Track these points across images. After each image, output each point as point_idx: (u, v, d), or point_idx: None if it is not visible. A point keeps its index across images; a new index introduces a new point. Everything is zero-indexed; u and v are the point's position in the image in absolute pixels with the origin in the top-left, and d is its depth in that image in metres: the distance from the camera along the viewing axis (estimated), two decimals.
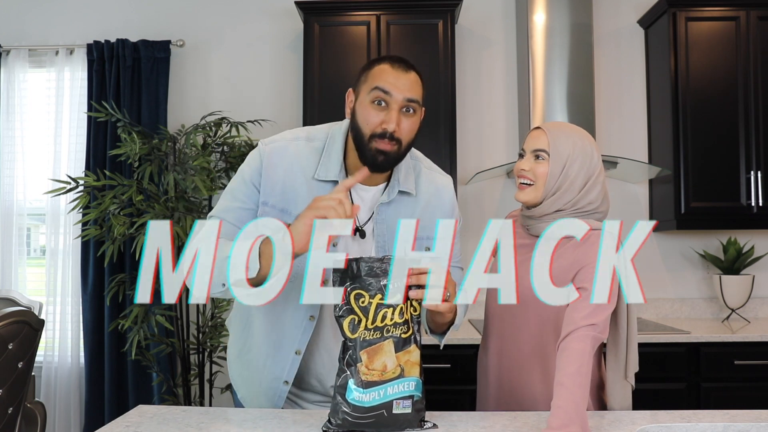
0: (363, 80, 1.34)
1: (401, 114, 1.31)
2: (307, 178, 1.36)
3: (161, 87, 3.17)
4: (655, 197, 3.11)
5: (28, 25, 3.31)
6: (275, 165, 1.35)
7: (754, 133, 2.82)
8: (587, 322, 1.25)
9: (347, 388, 1.17)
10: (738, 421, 1.25)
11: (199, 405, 2.88)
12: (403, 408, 1.17)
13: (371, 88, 1.31)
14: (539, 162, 1.41)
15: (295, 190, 1.35)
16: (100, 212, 2.72)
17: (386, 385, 1.17)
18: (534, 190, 1.41)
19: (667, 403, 2.46)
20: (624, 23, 3.23)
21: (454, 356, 2.47)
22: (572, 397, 1.16)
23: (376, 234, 1.39)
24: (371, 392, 1.16)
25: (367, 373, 1.16)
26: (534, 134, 1.45)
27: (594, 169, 1.41)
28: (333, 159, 1.37)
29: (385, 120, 1.30)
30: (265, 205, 1.35)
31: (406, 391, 1.18)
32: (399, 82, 1.30)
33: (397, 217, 1.39)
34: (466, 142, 3.20)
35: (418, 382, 1.20)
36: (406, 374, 1.18)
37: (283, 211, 1.35)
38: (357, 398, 1.16)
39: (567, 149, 1.39)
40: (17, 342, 1.97)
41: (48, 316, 3.13)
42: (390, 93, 1.29)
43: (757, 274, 3.08)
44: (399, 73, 1.31)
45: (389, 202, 1.40)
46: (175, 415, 1.32)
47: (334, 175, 1.35)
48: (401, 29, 2.92)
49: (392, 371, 1.17)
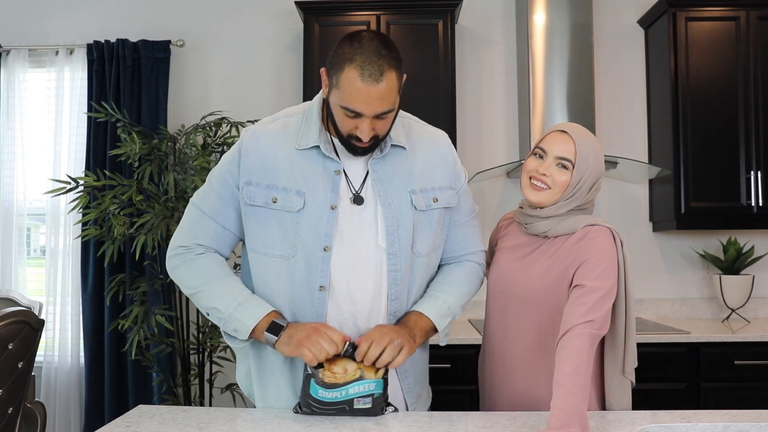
0: (334, 79, 1.27)
1: (374, 120, 1.27)
2: (289, 150, 1.37)
3: (161, 87, 3.17)
4: (655, 197, 3.11)
5: (28, 25, 3.31)
6: (256, 145, 1.37)
7: (754, 133, 2.82)
8: (584, 319, 1.26)
9: (310, 384, 1.27)
10: (738, 421, 1.25)
11: (199, 405, 2.88)
12: (363, 404, 1.27)
13: (341, 105, 1.26)
14: (562, 171, 1.38)
15: (277, 163, 1.36)
16: (100, 212, 2.72)
17: (347, 387, 1.27)
18: (550, 195, 1.40)
19: (667, 403, 2.46)
20: (624, 23, 3.23)
21: (454, 356, 2.47)
22: (571, 397, 1.16)
23: (377, 192, 1.37)
24: (333, 392, 1.26)
25: (330, 377, 1.26)
26: (560, 138, 1.40)
27: (600, 175, 1.42)
28: (312, 127, 1.38)
29: (359, 128, 1.28)
30: (249, 185, 1.36)
31: (366, 391, 1.27)
32: (370, 99, 1.23)
33: (394, 171, 1.39)
34: (466, 143, 3.20)
35: (379, 382, 1.28)
36: (366, 377, 1.27)
37: (269, 186, 1.36)
38: (320, 395, 1.27)
39: (590, 162, 1.38)
40: (17, 342, 1.97)
41: (48, 316, 3.13)
42: (361, 113, 1.26)
43: (757, 274, 3.08)
44: (370, 87, 1.22)
45: (383, 156, 1.38)
46: (175, 415, 1.33)
47: (314, 141, 1.36)
48: (401, 29, 2.92)
49: (352, 374, 1.27)
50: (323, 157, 1.36)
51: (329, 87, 1.30)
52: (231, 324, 1.34)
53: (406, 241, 1.38)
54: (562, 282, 1.37)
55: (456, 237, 1.50)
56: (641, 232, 3.17)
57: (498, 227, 1.63)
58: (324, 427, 1.23)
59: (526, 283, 1.43)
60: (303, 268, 1.34)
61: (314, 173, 1.36)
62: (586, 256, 1.34)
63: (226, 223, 1.41)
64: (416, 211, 1.39)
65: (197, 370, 2.89)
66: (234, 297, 1.35)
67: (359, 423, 1.25)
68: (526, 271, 1.44)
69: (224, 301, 1.35)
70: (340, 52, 1.26)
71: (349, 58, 1.24)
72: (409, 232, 1.38)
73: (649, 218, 3.18)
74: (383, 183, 1.37)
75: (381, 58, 1.23)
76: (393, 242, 1.36)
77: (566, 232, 1.40)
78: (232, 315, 1.34)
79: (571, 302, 1.30)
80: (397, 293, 1.38)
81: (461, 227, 1.50)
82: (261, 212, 1.36)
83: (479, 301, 1.64)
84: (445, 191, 1.44)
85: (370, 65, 1.22)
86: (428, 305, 1.39)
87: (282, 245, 1.35)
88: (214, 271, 1.39)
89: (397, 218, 1.36)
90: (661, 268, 3.16)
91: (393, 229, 1.36)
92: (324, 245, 1.33)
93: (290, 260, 1.35)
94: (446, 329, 1.42)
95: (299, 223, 1.34)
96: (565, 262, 1.37)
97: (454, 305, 1.42)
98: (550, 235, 1.42)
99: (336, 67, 1.26)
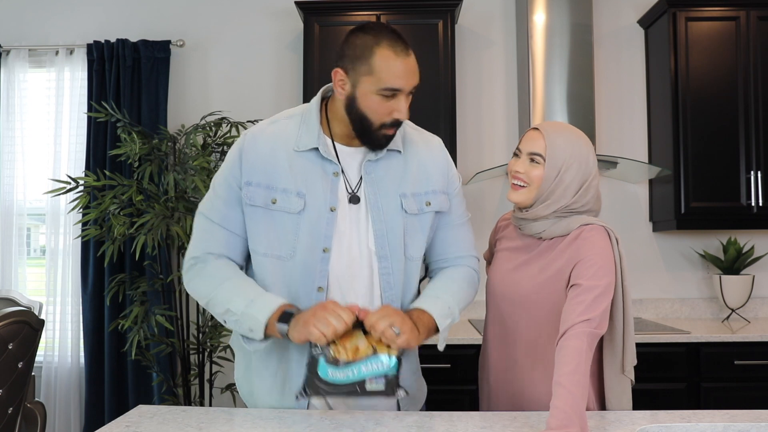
0: (363, 68, 1.28)
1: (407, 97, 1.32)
2: (288, 152, 1.37)
3: (161, 87, 3.17)
4: (655, 197, 3.11)
5: (28, 25, 3.31)
6: (255, 147, 1.37)
7: (754, 133, 2.82)
8: (582, 318, 1.25)
9: (318, 364, 1.19)
10: (738, 421, 1.25)
11: (199, 405, 2.88)
12: (376, 385, 1.19)
13: (379, 89, 1.28)
14: (534, 165, 1.39)
15: (277, 164, 1.36)
16: (100, 212, 2.72)
17: (359, 364, 1.19)
18: (527, 192, 1.41)
19: (667, 403, 2.46)
20: (624, 23, 3.23)
21: (454, 356, 2.47)
22: (571, 397, 1.16)
23: (367, 195, 1.38)
24: (344, 370, 1.19)
25: (340, 353, 1.19)
26: (531, 135, 1.43)
27: (589, 174, 1.40)
28: (311, 128, 1.38)
29: (396, 109, 1.31)
30: (249, 185, 1.36)
31: (379, 370, 1.20)
32: (407, 72, 1.28)
33: (387, 172, 1.40)
34: (466, 142, 3.20)
35: (393, 359, 1.21)
36: (379, 352, 1.20)
37: (269, 187, 1.36)
38: (330, 375, 1.19)
39: (563, 155, 1.37)
40: (17, 342, 1.97)
41: (48, 316, 3.13)
42: (400, 90, 1.29)
43: (757, 274, 3.09)
44: (406, 60, 1.28)
45: (377, 159, 1.39)
46: (175, 415, 1.33)
47: (313, 143, 1.36)
48: (401, 29, 2.85)
49: (365, 350, 1.20)
50: (322, 159, 1.37)
51: (352, 82, 1.30)
52: (246, 323, 1.30)
53: (397, 245, 1.38)
54: (559, 282, 1.37)
55: (449, 238, 1.50)
56: (641, 232, 3.17)
57: (496, 228, 1.64)
58: (324, 427, 1.23)
59: (523, 285, 1.43)
60: (301, 269, 1.35)
61: (314, 175, 1.36)
62: (581, 255, 1.34)
63: (235, 228, 1.39)
64: (407, 215, 1.39)
65: (197, 370, 2.89)
66: (246, 295, 1.33)
67: (359, 423, 1.25)
68: (524, 273, 1.44)
69: (236, 301, 1.32)
70: (359, 42, 1.29)
71: (374, 42, 1.27)
72: (400, 235, 1.38)
73: (649, 218, 3.17)
74: (374, 185, 1.38)
75: (399, 37, 1.30)
76: (383, 246, 1.37)
77: (562, 233, 1.40)
78: (245, 313, 1.30)
79: (568, 302, 1.30)
80: (391, 297, 1.39)
81: (454, 229, 1.50)
82: (260, 213, 1.36)
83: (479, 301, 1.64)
84: (438, 195, 1.44)
85: (396, 41, 1.28)
86: (430, 303, 1.39)
87: (281, 246, 1.35)
88: (224, 273, 1.37)
89: (386, 222, 1.37)
90: (661, 268, 3.16)
91: (382, 232, 1.37)
92: (324, 246, 1.34)
93: (288, 261, 1.35)
94: (445, 332, 1.41)
95: (299, 225, 1.34)
96: (561, 262, 1.37)
97: (454, 307, 1.42)
98: (545, 237, 1.42)
99: (360, 58, 1.28)
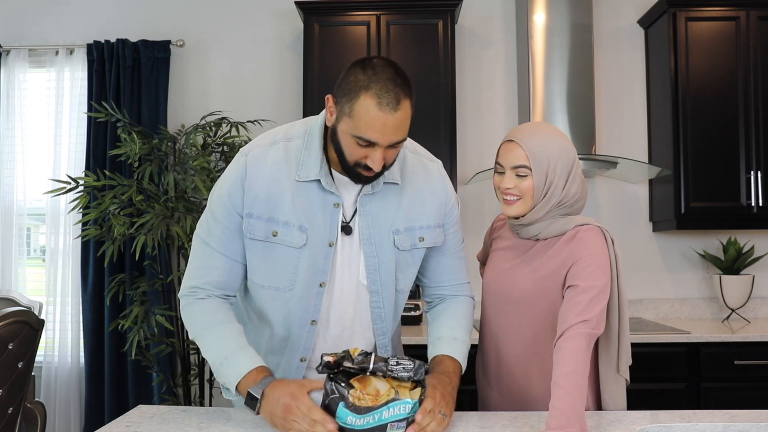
0: (346, 107, 1.20)
1: (386, 149, 1.22)
2: (290, 181, 1.31)
3: (161, 87, 3.17)
4: (655, 197, 3.11)
5: (28, 25, 3.31)
6: (258, 175, 1.30)
7: (754, 133, 2.82)
8: (579, 319, 1.26)
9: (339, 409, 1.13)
10: (738, 421, 1.25)
11: (199, 405, 2.88)
12: (397, 429, 1.14)
13: (354, 134, 1.19)
14: (522, 178, 1.38)
15: (279, 195, 1.31)
16: (100, 212, 2.72)
17: (381, 410, 1.13)
18: (522, 203, 1.40)
19: (667, 403, 2.46)
20: (624, 23, 3.23)
21: None
22: (570, 398, 1.16)
23: (361, 228, 1.35)
24: (365, 417, 1.12)
25: (361, 398, 1.13)
26: (508, 148, 1.39)
27: (572, 162, 1.40)
28: (312, 157, 1.31)
29: (370, 158, 1.22)
30: (250, 217, 1.31)
31: (401, 413, 1.13)
32: (386, 129, 1.18)
33: (383, 207, 1.36)
34: (466, 142, 3.20)
35: (414, 403, 1.15)
36: (401, 396, 1.14)
37: (270, 219, 1.31)
38: (349, 421, 1.12)
39: (546, 156, 1.36)
40: (17, 342, 1.97)
41: (48, 316, 3.13)
42: (375, 143, 1.19)
43: (757, 274, 3.09)
44: (387, 116, 1.16)
45: (373, 193, 1.35)
46: (175, 415, 1.32)
47: (315, 174, 1.30)
48: (401, 29, 2.92)
49: (386, 394, 1.14)
50: (323, 191, 1.32)
51: (338, 115, 1.23)
52: (219, 378, 1.29)
53: (388, 279, 1.38)
54: (555, 283, 1.37)
55: (446, 265, 1.50)
56: (641, 232, 3.17)
57: (492, 228, 1.64)
58: None
59: (519, 285, 1.43)
60: (297, 301, 1.34)
61: (315, 207, 1.32)
62: (577, 256, 1.34)
63: (235, 255, 1.35)
64: (399, 251, 1.38)
65: (197, 370, 2.89)
66: (221, 350, 1.28)
67: None
68: (519, 273, 1.44)
69: (212, 354, 1.29)
70: (353, 79, 1.19)
71: (364, 85, 1.17)
72: (392, 270, 1.38)
73: (649, 218, 3.17)
74: (368, 219, 1.35)
75: (397, 86, 1.18)
76: (374, 281, 1.36)
77: (557, 234, 1.40)
78: (218, 370, 1.27)
79: (565, 303, 1.31)
80: (383, 329, 1.41)
81: (449, 257, 1.50)
82: (260, 246, 1.32)
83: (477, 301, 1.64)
84: (432, 230, 1.42)
85: (387, 93, 1.17)
86: (455, 348, 1.42)
87: (279, 279, 1.33)
88: (209, 318, 1.33)
89: (378, 257, 1.35)
90: (661, 268, 3.16)
91: (374, 267, 1.36)
92: (321, 281, 1.33)
93: (286, 293, 1.34)
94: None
95: (299, 259, 1.31)
96: (557, 263, 1.37)
97: (468, 345, 1.46)
98: (541, 238, 1.42)
99: (348, 95, 1.19)
